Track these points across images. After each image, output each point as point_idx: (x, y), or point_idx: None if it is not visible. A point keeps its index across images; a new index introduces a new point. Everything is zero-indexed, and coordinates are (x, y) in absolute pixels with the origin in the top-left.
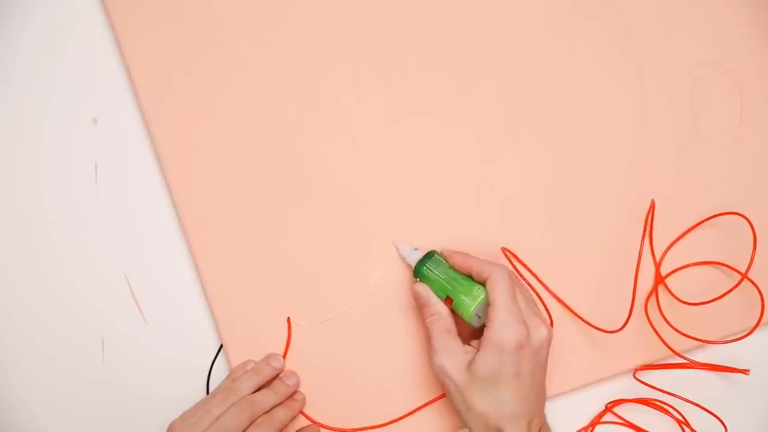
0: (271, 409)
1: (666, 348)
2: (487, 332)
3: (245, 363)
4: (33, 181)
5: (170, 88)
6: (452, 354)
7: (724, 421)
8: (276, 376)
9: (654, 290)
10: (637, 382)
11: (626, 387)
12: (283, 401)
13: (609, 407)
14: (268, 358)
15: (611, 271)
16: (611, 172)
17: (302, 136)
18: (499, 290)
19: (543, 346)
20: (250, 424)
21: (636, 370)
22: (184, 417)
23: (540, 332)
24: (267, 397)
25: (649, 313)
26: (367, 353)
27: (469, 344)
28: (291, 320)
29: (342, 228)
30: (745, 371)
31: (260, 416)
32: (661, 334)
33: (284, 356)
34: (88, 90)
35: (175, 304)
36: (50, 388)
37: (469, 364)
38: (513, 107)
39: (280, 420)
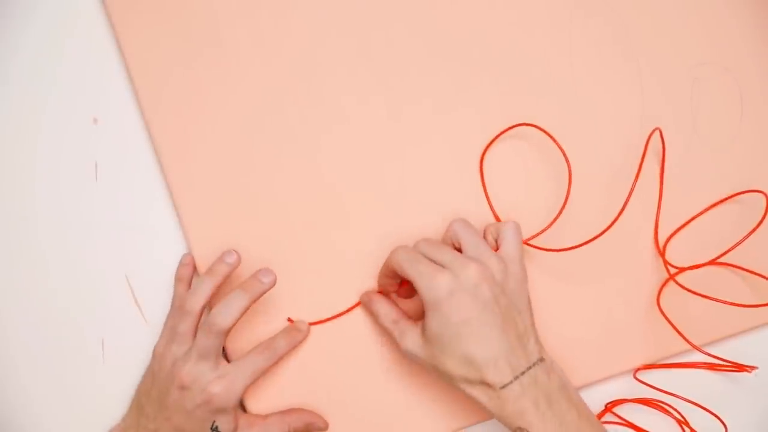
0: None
1: (667, 347)
2: (418, 293)
3: (185, 263)
4: (33, 180)
5: (170, 87)
6: (407, 334)
7: (725, 421)
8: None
9: (662, 287)
10: (638, 382)
11: (626, 387)
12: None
13: (609, 407)
14: (222, 256)
15: (613, 269)
16: (611, 171)
17: (303, 135)
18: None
19: (479, 283)
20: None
21: (636, 370)
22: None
23: (467, 271)
24: (236, 302)
25: (662, 308)
26: (367, 353)
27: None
28: (291, 320)
29: (342, 227)
30: (747, 368)
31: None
32: (665, 330)
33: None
34: (88, 90)
35: None
36: (50, 388)
37: (422, 334)
38: (512, 107)
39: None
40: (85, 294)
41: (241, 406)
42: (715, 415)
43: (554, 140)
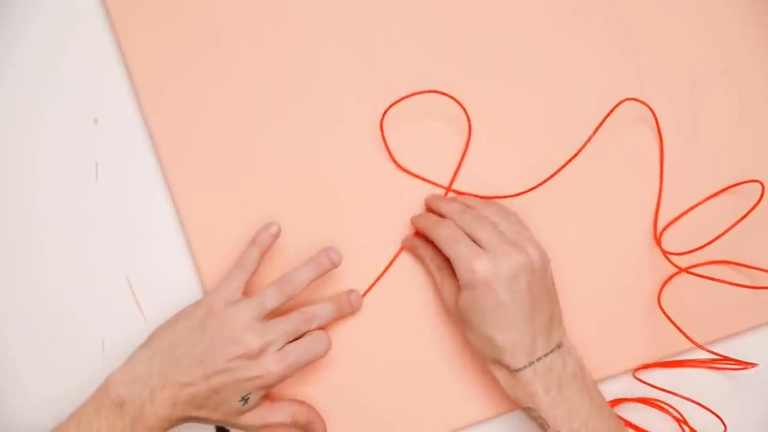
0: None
1: (667, 346)
2: (455, 270)
3: (273, 232)
4: (33, 180)
5: (170, 87)
6: (446, 284)
7: (724, 419)
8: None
9: (662, 287)
10: (637, 381)
11: (626, 386)
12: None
13: None
14: (326, 251)
15: (612, 268)
16: (611, 171)
17: (303, 135)
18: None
19: (517, 274)
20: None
21: (636, 369)
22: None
23: (508, 260)
24: (325, 311)
25: (663, 306)
26: (369, 352)
27: None
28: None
29: (342, 227)
30: (748, 364)
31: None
32: (665, 330)
33: None
34: (88, 90)
35: (175, 304)
36: (50, 388)
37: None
38: (512, 106)
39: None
40: (85, 294)
41: None
42: (715, 414)
43: (460, 104)
